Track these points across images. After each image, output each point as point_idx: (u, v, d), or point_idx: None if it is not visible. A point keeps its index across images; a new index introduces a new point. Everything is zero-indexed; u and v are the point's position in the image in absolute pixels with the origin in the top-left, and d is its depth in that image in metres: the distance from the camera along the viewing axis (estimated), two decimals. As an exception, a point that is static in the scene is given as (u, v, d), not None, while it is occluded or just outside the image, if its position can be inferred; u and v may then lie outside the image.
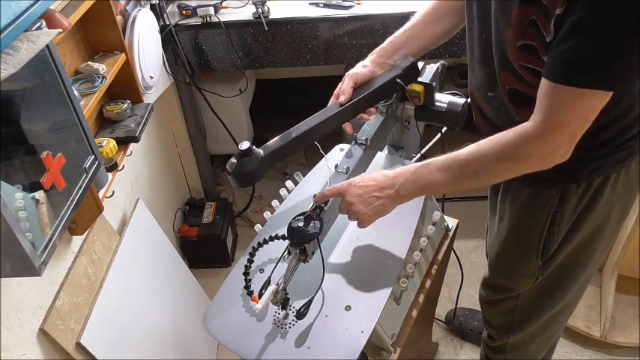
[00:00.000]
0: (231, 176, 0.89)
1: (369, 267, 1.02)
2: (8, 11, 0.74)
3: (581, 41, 0.70)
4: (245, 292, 0.96)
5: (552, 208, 1.01)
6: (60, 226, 0.90)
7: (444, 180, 0.86)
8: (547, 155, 0.80)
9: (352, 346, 0.90)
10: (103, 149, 1.28)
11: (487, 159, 0.83)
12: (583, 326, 1.75)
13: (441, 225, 1.31)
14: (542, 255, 1.08)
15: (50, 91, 0.93)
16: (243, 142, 0.88)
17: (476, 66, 1.00)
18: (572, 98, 0.74)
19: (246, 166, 0.88)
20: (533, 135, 0.79)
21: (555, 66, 0.74)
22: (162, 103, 1.95)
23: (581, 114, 0.76)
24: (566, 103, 0.75)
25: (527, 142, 0.79)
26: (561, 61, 0.73)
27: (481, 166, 0.83)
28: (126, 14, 1.54)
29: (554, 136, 0.78)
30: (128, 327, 1.37)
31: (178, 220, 2.13)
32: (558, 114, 0.76)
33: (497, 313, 1.33)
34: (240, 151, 0.87)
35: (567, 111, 0.75)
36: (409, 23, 1.07)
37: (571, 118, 0.76)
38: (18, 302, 1.03)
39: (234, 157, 0.89)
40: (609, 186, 0.97)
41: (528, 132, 0.79)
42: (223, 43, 1.84)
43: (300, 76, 2.53)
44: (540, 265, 1.11)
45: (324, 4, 1.83)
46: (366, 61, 1.06)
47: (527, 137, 0.79)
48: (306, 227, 0.89)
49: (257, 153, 0.89)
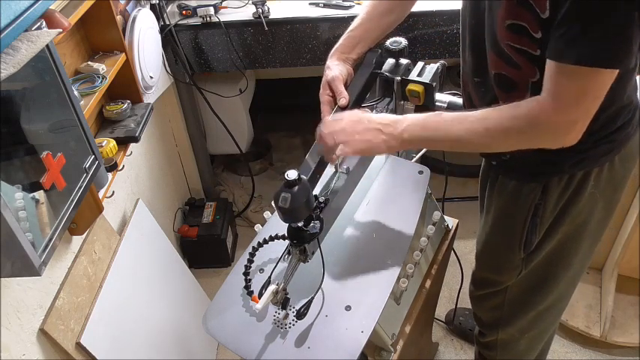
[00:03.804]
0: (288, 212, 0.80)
1: (369, 267, 1.02)
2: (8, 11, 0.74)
3: (583, 20, 0.70)
4: (245, 292, 0.96)
5: (535, 201, 1.02)
6: (60, 226, 0.90)
7: (454, 130, 0.83)
8: (561, 129, 0.78)
9: (352, 346, 0.90)
10: (103, 149, 1.28)
11: (502, 117, 0.81)
12: (583, 326, 1.75)
13: (441, 225, 1.31)
14: (525, 247, 1.09)
15: (50, 91, 0.93)
16: (290, 171, 0.79)
17: (466, 52, 1.01)
18: (582, 77, 0.73)
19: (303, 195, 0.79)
20: (549, 107, 0.77)
21: (560, 46, 0.74)
22: (162, 103, 1.95)
23: (593, 90, 0.75)
24: (577, 82, 0.74)
25: (543, 111, 0.77)
26: (566, 41, 0.72)
27: (494, 123, 0.81)
28: (126, 14, 1.54)
29: (569, 111, 0.76)
30: (128, 327, 1.37)
31: (178, 220, 2.13)
32: (571, 92, 0.75)
33: (486, 309, 1.34)
34: (290, 181, 0.78)
35: (580, 89, 0.75)
36: (362, 16, 1.07)
37: (584, 95, 0.75)
38: (18, 302, 1.03)
39: (283, 192, 0.79)
40: (592, 180, 0.97)
41: (544, 103, 0.77)
42: (223, 43, 1.84)
43: (300, 76, 2.53)
44: (524, 258, 1.12)
45: (324, 4, 1.83)
46: (332, 62, 1.05)
47: (543, 107, 0.78)
48: (306, 227, 0.89)
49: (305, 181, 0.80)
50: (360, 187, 1.10)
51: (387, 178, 1.17)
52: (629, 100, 0.93)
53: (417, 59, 1.11)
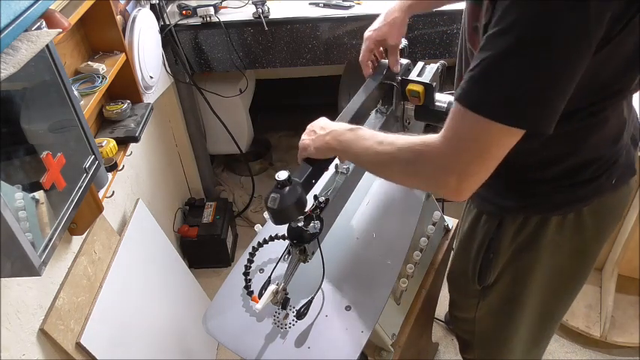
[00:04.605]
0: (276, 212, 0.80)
1: (369, 267, 1.02)
2: (8, 11, 0.74)
3: (488, 63, 0.62)
4: (245, 292, 0.96)
5: (489, 235, 0.98)
6: (60, 226, 0.90)
7: (355, 147, 0.80)
8: (440, 174, 0.70)
9: (352, 346, 0.90)
10: (103, 149, 1.28)
11: (399, 144, 0.74)
12: (583, 326, 1.75)
13: (441, 225, 1.31)
14: (480, 279, 1.06)
15: (50, 91, 0.93)
16: (281, 172, 0.79)
17: (457, 54, 1.00)
18: (471, 124, 0.64)
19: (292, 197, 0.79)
20: (435, 146, 0.69)
21: (463, 83, 0.66)
22: (162, 103, 1.94)
23: (477, 144, 0.65)
24: (464, 128, 0.66)
25: (430, 148, 0.70)
26: (467, 79, 0.65)
27: (389, 149, 0.76)
28: (126, 14, 1.54)
29: (451, 158, 0.68)
30: (128, 327, 1.37)
31: (178, 220, 2.13)
32: (458, 136, 0.67)
33: (460, 330, 1.31)
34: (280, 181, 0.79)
35: (466, 136, 0.66)
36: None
37: (471, 144, 0.66)
38: (18, 302, 1.03)
39: (273, 192, 0.79)
40: (552, 227, 0.91)
41: (435, 141, 0.69)
42: (223, 43, 1.84)
43: (300, 76, 2.54)
44: (480, 290, 1.09)
45: (324, 4, 1.83)
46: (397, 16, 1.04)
47: (432, 144, 0.70)
48: (306, 227, 0.89)
49: (296, 182, 0.81)
50: (360, 187, 1.10)
51: (387, 178, 1.17)
52: (596, 155, 0.85)
53: (417, 59, 1.11)
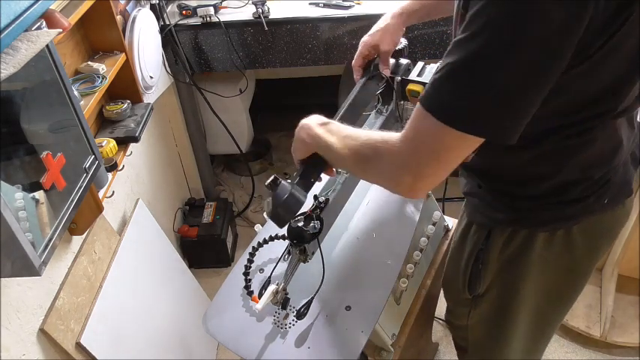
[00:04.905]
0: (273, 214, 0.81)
1: (369, 267, 1.02)
2: (8, 11, 0.74)
3: (450, 68, 0.62)
4: (245, 292, 0.97)
5: (478, 245, 0.98)
6: (60, 226, 0.90)
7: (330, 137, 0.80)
8: (395, 171, 0.70)
9: (352, 346, 0.90)
10: (103, 149, 1.28)
11: (364, 138, 0.76)
12: (583, 326, 1.75)
13: (441, 225, 1.31)
14: (469, 289, 1.05)
15: (50, 91, 0.93)
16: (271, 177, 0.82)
17: None
18: (428, 125, 0.65)
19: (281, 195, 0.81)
20: (394, 143, 0.70)
21: (427, 85, 0.66)
22: (162, 103, 1.94)
23: (431, 147, 0.66)
24: (421, 129, 0.66)
25: (389, 145, 0.71)
26: (430, 82, 0.66)
27: (357, 143, 0.76)
28: (126, 14, 1.54)
29: (405, 156, 0.69)
30: (128, 327, 1.37)
31: (178, 220, 2.13)
32: (414, 135, 0.68)
33: (456, 336, 1.30)
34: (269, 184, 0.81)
35: (422, 136, 0.67)
36: None
37: (422, 147, 0.67)
38: (18, 302, 1.03)
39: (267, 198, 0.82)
40: (540, 243, 0.91)
41: (395, 138, 0.70)
42: (223, 43, 1.84)
43: (300, 76, 2.54)
44: (471, 299, 1.08)
45: (324, 4, 1.83)
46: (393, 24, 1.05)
47: (391, 141, 0.71)
48: (306, 227, 0.89)
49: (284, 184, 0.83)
50: (360, 187, 1.10)
51: (387, 178, 1.17)
52: (583, 176, 0.84)
53: (417, 59, 1.11)
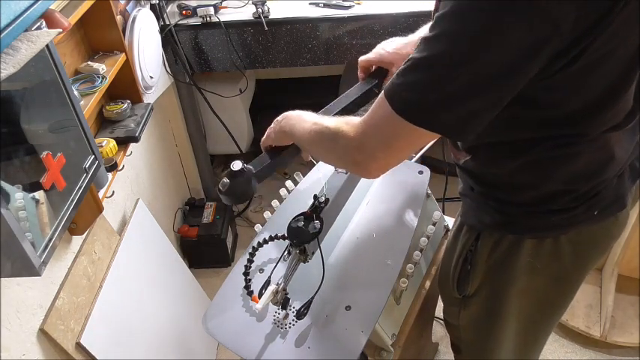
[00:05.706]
0: (224, 195, 0.90)
1: (369, 267, 1.02)
2: (8, 11, 0.74)
3: (412, 62, 0.66)
4: (245, 292, 0.97)
5: (467, 246, 0.98)
6: (60, 226, 0.90)
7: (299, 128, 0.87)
8: (350, 151, 0.75)
9: (352, 346, 0.90)
10: (103, 149, 1.28)
11: (323, 125, 0.81)
12: (583, 326, 1.75)
13: (441, 225, 1.31)
14: (458, 288, 1.05)
15: (50, 91, 0.93)
16: (235, 162, 0.89)
17: None
18: (381, 110, 0.69)
19: (240, 186, 0.88)
20: (354, 126, 0.75)
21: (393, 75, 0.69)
22: (162, 103, 1.94)
23: (384, 133, 0.71)
24: (378, 115, 0.71)
25: (350, 127, 0.75)
26: (395, 73, 0.68)
27: (321, 127, 0.82)
28: (126, 14, 1.54)
29: (361, 137, 0.73)
30: (128, 327, 1.37)
31: (178, 220, 2.13)
32: (372, 121, 0.72)
33: (450, 334, 1.28)
34: (233, 171, 0.88)
35: (375, 122, 0.72)
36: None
37: (376, 131, 0.72)
38: (18, 302, 1.03)
39: (226, 177, 0.90)
40: (527, 249, 0.91)
41: (356, 121, 0.75)
42: (223, 43, 1.84)
43: (300, 76, 2.54)
44: (460, 299, 1.07)
45: (324, 4, 1.83)
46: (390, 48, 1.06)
47: (353, 123, 0.75)
48: (306, 227, 0.89)
49: (249, 171, 0.89)
50: (360, 187, 1.10)
51: (386, 178, 1.17)
52: (567, 188, 0.84)
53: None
